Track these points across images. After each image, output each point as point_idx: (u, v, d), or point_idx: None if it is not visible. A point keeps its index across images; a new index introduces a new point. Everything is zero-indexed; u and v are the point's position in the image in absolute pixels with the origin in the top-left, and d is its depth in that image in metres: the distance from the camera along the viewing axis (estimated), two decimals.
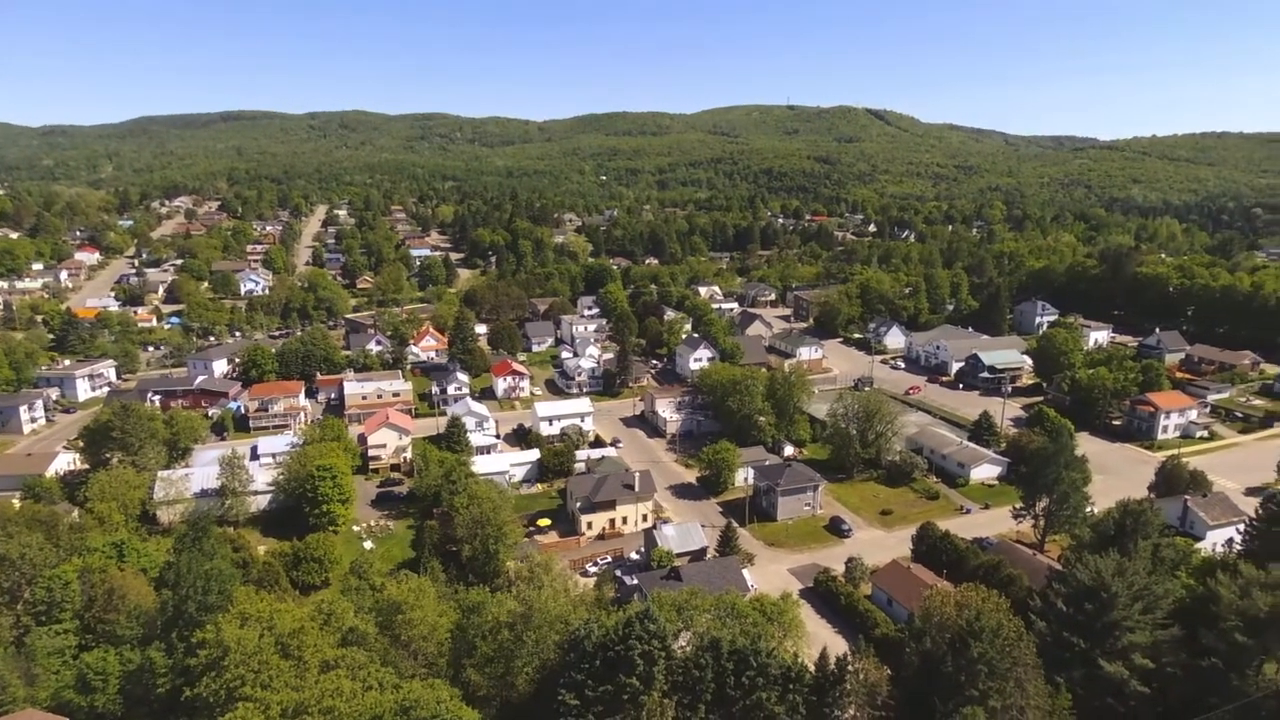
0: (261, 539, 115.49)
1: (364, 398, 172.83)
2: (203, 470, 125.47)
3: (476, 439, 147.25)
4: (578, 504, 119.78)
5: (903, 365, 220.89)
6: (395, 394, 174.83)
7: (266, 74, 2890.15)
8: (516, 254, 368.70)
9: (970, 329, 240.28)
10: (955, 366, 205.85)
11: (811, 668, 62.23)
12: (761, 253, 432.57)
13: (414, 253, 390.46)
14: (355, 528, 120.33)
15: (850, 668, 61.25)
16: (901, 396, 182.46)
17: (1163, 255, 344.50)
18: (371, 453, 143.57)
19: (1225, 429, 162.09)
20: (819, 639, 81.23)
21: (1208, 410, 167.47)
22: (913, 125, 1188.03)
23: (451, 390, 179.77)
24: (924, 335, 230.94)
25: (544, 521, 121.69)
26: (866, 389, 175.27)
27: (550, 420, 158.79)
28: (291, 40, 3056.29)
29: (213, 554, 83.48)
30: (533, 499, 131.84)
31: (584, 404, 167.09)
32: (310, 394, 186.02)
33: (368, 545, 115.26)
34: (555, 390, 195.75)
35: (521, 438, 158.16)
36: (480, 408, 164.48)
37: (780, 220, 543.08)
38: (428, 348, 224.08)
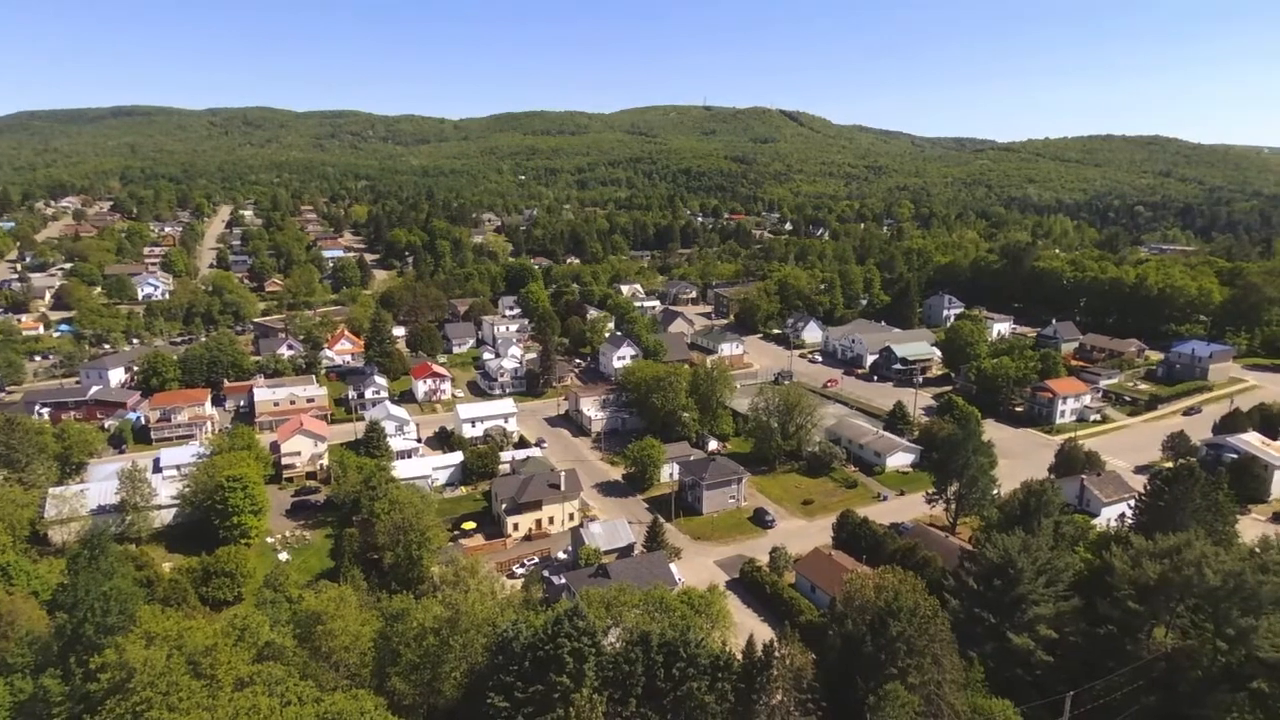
0: (167, 555, 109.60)
1: (276, 404, 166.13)
2: (99, 485, 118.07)
3: (397, 443, 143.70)
4: (503, 505, 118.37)
5: (820, 359, 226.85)
6: (309, 400, 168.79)
7: (161, 68, 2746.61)
8: (434, 254, 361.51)
9: (883, 323, 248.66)
10: (870, 359, 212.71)
11: (739, 656, 63.25)
12: (682, 251, 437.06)
13: (326, 254, 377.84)
14: (269, 539, 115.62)
15: (776, 654, 62.50)
16: (820, 389, 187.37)
17: (1057, 250, 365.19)
18: (285, 461, 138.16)
19: (1116, 412, 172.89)
20: (746, 628, 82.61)
21: (1100, 395, 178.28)
22: (825, 126, 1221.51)
23: (369, 394, 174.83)
24: (840, 330, 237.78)
25: (469, 525, 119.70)
26: (786, 383, 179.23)
27: (473, 422, 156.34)
28: (188, 33, 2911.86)
29: (112, 573, 78.47)
30: (457, 502, 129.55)
31: (507, 405, 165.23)
32: (217, 402, 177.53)
33: (283, 557, 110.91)
34: (478, 392, 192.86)
35: (444, 441, 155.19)
36: (400, 411, 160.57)
37: (700, 219, 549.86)
38: (343, 351, 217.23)
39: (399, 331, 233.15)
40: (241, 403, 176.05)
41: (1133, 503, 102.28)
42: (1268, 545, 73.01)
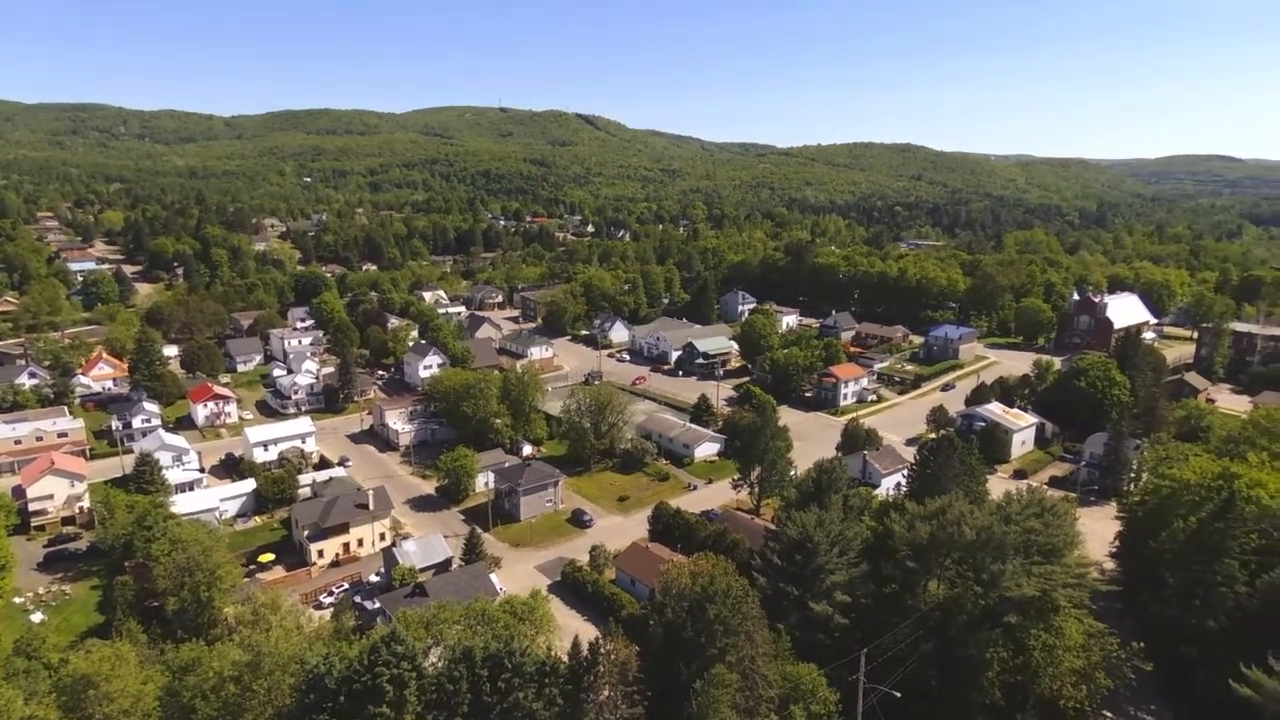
0: None
1: (17, 442, 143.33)
2: None
3: (175, 475, 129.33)
4: (305, 532, 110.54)
5: (628, 357, 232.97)
6: (61, 434, 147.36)
7: None
8: (210, 264, 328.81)
9: (684, 320, 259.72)
10: (674, 355, 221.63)
11: (565, 658, 63.68)
12: (485, 255, 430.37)
13: (74, 266, 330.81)
14: (17, 599, 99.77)
15: (601, 651, 63.61)
16: (629, 387, 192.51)
17: (833, 248, 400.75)
18: (34, 507, 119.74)
19: (888, 392, 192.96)
20: (571, 629, 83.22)
21: (875, 377, 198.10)
22: (620, 130, 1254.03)
23: (138, 423, 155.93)
24: (645, 328, 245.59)
25: (267, 556, 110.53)
26: (597, 383, 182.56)
27: (265, 445, 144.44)
28: None
29: None
30: (252, 534, 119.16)
31: (304, 424, 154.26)
32: None
33: (37, 618, 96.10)
34: (269, 412, 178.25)
35: (232, 468, 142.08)
36: (177, 439, 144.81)
37: (502, 222, 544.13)
38: (102, 376, 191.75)
39: (171, 351, 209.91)
40: None
41: (906, 472, 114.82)
42: (1010, 500, 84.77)
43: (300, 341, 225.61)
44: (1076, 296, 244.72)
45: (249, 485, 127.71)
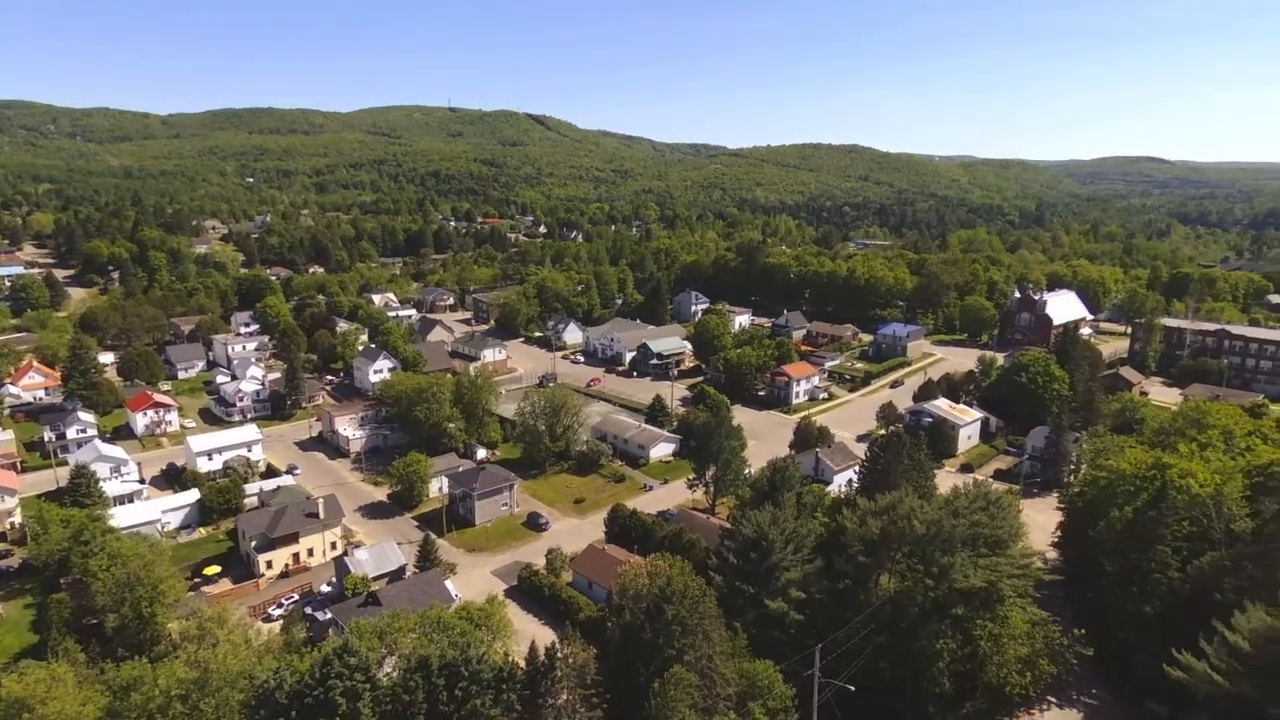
0: None
1: None
2: None
3: (114, 487, 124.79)
4: (253, 543, 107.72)
5: (582, 359, 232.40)
6: None
7: None
8: (148, 268, 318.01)
9: (638, 321, 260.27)
10: (629, 356, 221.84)
11: (523, 664, 63.31)
12: (436, 256, 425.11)
13: (1, 271, 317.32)
14: None
15: (559, 655, 63.43)
16: (584, 389, 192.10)
17: (784, 248, 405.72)
18: None
19: (839, 389, 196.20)
20: (528, 634, 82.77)
21: (826, 375, 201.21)
22: (571, 131, 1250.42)
23: (72, 434, 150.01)
24: (599, 329, 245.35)
25: (212, 569, 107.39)
26: (551, 385, 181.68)
27: (209, 454, 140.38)
28: None
29: None
30: (196, 546, 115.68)
31: (250, 431, 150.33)
32: None
33: None
34: (213, 420, 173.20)
35: (175, 478, 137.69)
36: (115, 450, 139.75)
37: (452, 223, 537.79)
38: (33, 386, 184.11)
39: (107, 358, 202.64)
40: None
41: (858, 468, 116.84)
42: (957, 494, 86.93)
43: (245, 347, 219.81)
44: (1017, 294, 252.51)
45: (192, 496, 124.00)
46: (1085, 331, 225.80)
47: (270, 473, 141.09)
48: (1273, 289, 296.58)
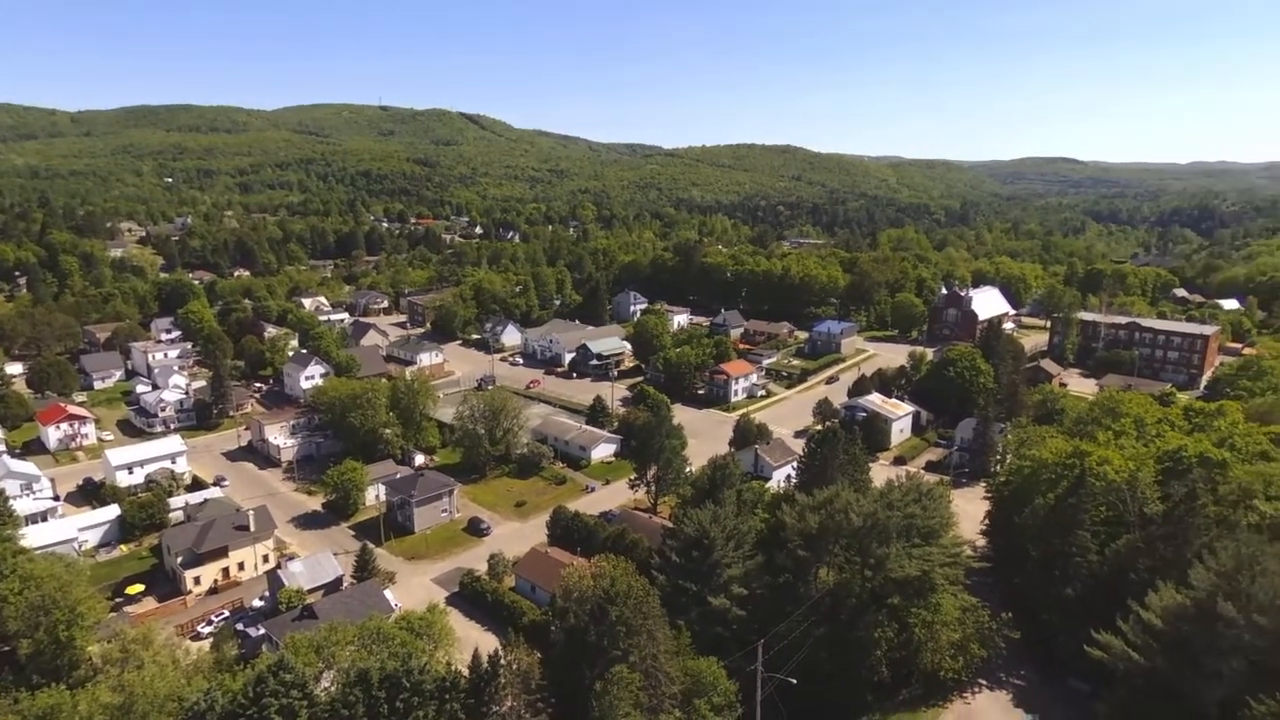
0: None
1: None
2: None
3: (25, 505, 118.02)
4: (179, 559, 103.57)
5: (521, 361, 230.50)
6: None
7: None
8: (58, 273, 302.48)
9: (577, 321, 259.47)
10: (568, 357, 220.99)
11: (466, 672, 62.57)
12: (368, 259, 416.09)
13: None
14: None
15: (502, 661, 62.91)
16: (523, 391, 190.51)
17: (720, 247, 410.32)
18: None
19: (776, 386, 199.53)
20: (471, 641, 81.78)
21: (763, 373, 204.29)
22: (506, 130, 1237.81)
23: None
24: (537, 331, 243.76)
25: (135, 588, 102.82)
26: (490, 388, 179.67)
27: (130, 468, 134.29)
28: None
29: None
30: (117, 564, 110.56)
31: (174, 443, 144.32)
32: None
33: None
34: (133, 431, 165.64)
35: (92, 494, 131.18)
36: (25, 466, 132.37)
37: (385, 224, 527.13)
38: None
39: (15, 369, 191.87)
40: None
41: (796, 464, 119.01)
42: (891, 487, 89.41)
43: (166, 354, 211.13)
44: (944, 291, 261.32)
45: (112, 512, 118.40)
46: (1008, 326, 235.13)
47: (196, 485, 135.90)
48: (1178, 283, 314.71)
